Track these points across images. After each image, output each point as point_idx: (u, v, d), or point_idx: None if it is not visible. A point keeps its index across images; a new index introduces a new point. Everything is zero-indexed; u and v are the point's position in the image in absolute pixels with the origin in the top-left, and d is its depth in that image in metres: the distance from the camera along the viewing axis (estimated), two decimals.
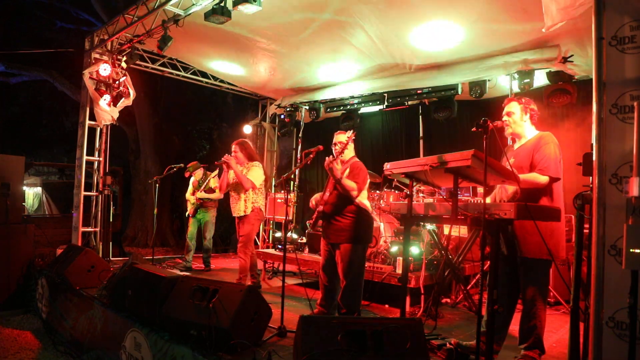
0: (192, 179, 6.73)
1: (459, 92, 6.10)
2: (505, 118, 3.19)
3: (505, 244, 3.08)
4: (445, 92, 6.16)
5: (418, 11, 4.77)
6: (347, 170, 3.81)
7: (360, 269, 3.84)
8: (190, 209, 6.65)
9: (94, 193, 6.76)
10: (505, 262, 3.12)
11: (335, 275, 3.90)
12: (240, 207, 4.97)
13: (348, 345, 2.36)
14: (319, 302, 4.05)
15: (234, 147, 5.11)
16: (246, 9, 4.24)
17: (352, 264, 3.73)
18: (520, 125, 3.18)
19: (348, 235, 3.74)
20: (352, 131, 3.81)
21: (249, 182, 4.89)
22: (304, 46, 5.89)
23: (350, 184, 3.70)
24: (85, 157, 6.48)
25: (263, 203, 5.11)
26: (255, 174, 4.97)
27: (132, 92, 6.56)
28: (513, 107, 3.19)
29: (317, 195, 4.07)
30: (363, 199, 3.87)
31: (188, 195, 6.74)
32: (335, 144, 3.91)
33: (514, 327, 3.20)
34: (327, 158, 3.76)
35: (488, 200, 3.29)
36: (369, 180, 3.97)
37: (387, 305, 4.79)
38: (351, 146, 3.93)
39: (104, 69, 6.27)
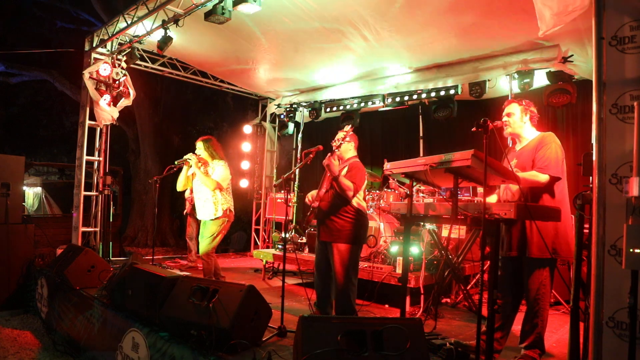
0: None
1: (459, 92, 6.10)
2: (505, 118, 3.20)
3: (511, 244, 3.07)
4: (445, 92, 6.16)
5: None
6: (345, 169, 3.78)
7: (356, 269, 3.82)
8: (187, 207, 6.63)
9: (94, 193, 6.76)
10: (509, 261, 3.13)
11: (328, 275, 3.88)
12: (208, 211, 4.73)
13: (348, 345, 2.35)
14: (314, 302, 4.04)
15: (197, 144, 4.92)
16: (246, 8, 4.24)
17: (348, 265, 3.70)
18: (520, 126, 3.18)
19: (345, 236, 3.71)
20: (350, 126, 3.76)
21: (214, 184, 4.67)
22: (303, 48, 5.89)
23: (347, 183, 3.65)
24: (85, 157, 6.49)
25: (232, 204, 4.90)
26: (222, 174, 4.75)
27: (132, 92, 6.56)
28: (513, 108, 3.20)
29: (313, 192, 3.99)
30: (360, 200, 3.84)
31: (187, 194, 6.71)
32: (334, 140, 3.89)
33: (516, 327, 3.20)
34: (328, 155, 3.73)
35: (494, 199, 3.30)
36: (366, 182, 3.95)
37: (387, 305, 4.79)
38: (352, 145, 3.90)
39: (104, 69, 6.27)
